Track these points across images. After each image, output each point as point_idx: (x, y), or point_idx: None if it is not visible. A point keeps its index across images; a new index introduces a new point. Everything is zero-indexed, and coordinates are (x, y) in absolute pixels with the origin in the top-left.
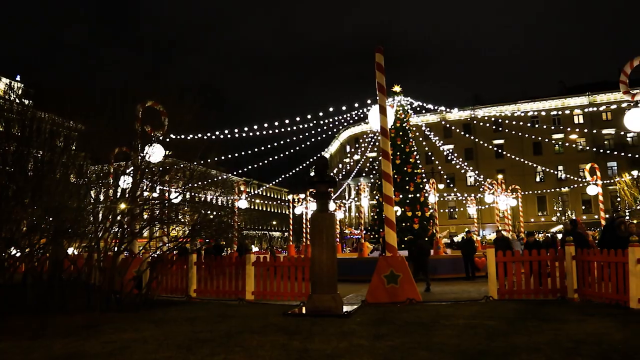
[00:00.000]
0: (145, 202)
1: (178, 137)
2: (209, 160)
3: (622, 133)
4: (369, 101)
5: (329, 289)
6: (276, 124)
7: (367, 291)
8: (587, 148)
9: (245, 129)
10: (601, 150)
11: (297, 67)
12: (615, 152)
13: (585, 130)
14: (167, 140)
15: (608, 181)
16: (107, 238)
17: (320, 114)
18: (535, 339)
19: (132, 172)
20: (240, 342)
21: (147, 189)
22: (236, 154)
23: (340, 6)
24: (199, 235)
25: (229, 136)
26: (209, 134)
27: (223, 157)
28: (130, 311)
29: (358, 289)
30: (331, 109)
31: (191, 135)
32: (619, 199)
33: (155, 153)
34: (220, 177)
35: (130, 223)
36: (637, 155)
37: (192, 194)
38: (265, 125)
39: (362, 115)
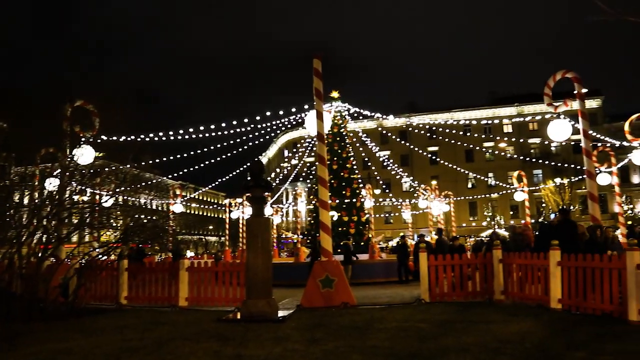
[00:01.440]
0: (73, 206)
1: (110, 138)
2: (142, 163)
3: (547, 142)
4: (306, 106)
5: (264, 294)
6: (212, 127)
7: (303, 295)
8: (515, 156)
9: (181, 131)
10: (528, 159)
11: (240, 72)
12: (541, 161)
13: (514, 139)
14: (98, 141)
15: (534, 188)
16: (31, 243)
17: (258, 117)
18: (464, 339)
19: (59, 174)
20: (171, 350)
21: (76, 192)
22: (171, 157)
23: (286, 13)
24: (132, 240)
25: (163, 139)
26: (142, 136)
27: (158, 160)
28: (56, 320)
29: (294, 293)
30: (268, 113)
31: (124, 137)
32: (543, 205)
33: (84, 154)
34: (154, 181)
35: (57, 228)
36: (559, 164)
37: (125, 197)
38: (202, 128)
39: (300, 120)
